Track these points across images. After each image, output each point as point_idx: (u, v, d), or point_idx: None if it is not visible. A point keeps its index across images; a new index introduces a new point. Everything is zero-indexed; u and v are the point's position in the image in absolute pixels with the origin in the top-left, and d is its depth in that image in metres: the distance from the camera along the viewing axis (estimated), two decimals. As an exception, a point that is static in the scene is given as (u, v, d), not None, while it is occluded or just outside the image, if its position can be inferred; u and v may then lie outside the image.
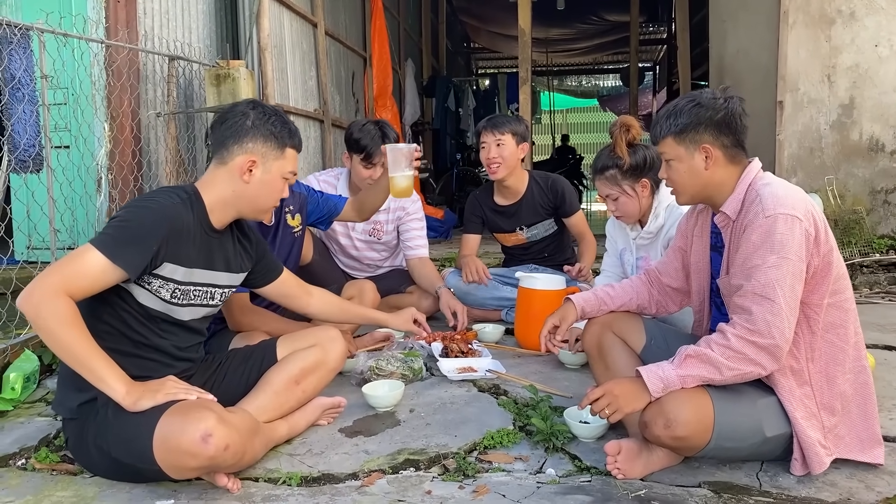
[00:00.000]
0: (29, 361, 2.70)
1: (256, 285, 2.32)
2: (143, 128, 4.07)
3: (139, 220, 1.85)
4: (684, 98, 1.98)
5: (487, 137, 3.58)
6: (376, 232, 3.68)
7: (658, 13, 13.78)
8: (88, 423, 1.88)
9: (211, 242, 2.03)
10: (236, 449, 1.77)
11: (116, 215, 1.89)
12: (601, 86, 19.85)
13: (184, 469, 1.77)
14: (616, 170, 2.71)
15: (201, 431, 1.70)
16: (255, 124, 2.02)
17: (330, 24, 6.78)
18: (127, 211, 1.89)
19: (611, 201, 2.79)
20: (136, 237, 1.82)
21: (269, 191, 2.06)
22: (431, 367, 2.89)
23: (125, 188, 3.79)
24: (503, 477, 1.95)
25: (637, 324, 2.23)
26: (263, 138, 2.02)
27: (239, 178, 2.01)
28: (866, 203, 5.02)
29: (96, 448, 1.87)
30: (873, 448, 1.91)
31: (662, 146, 1.98)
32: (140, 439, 1.75)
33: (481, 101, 13.02)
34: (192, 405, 1.78)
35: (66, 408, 1.94)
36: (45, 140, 2.99)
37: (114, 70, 3.73)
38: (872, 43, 4.93)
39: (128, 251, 1.80)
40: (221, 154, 2.03)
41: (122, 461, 1.83)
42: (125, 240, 1.81)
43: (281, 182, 2.08)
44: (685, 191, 2.00)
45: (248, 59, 4.81)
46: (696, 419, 1.78)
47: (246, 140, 2.01)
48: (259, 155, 2.02)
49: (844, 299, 1.90)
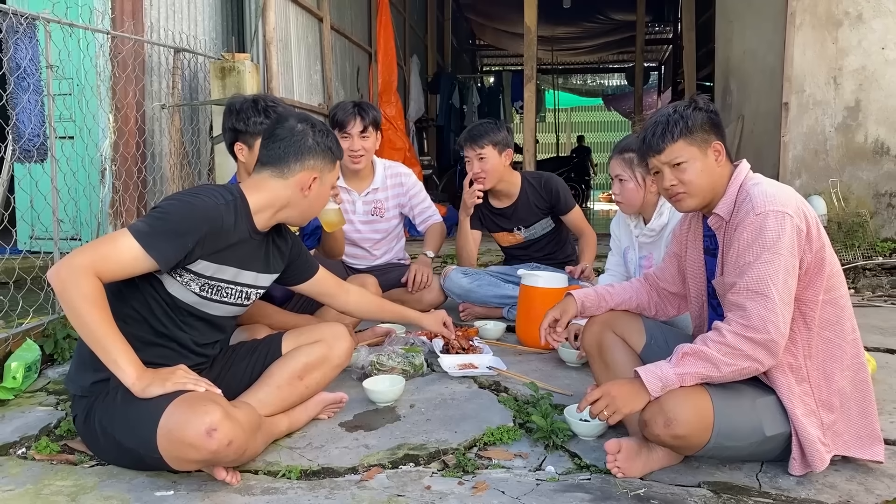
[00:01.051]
0: (30, 351, 2.71)
1: (291, 283, 2.36)
2: (148, 119, 4.08)
3: (180, 214, 1.86)
4: (678, 105, 1.99)
5: (469, 153, 3.60)
6: (378, 210, 3.69)
7: (664, 13, 13.78)
8: (97, 403, 1.89)
9: (251, 244, 2.07)
10: (239, 445, 1.77)
11: (159, 205, 1.92)
12: (606, 85, 19.86)
13: (185, 461, 1.77)
14: (636, 155, 2.71)
15: (206, 425, 1.70)
16: (317, 141, 2.10)
17: (335, 18, 6.78)
18: (170, 203, 1.91)
19: (618, 182, 2.80)
20: (175, 231, 1.84)
21: (321, 201, 2.19)
22: (432, 363, 2.89)
23: (129, 179, 3.80)
24: (503, 473, 1.95)
25: (637, 323, 2.23)
26: (322, 155, 2.11)
27: (299, 191, 2.08)
28: (870, 206, 5.01)
29: (101, 428, 1.88)
30: (873, 445, 1.91)
31: (672, 152, 1.95)
32: (145, 426, 1.76)
33: (486, 98, 13.02)
34: (199, 397, 1.78)
35: (78, 385, 1.94)
36: (49, 130, 2.99)
37: (119, 61, 3.73)
38: (879, 45, 4.92)
39: (163, 243, 1.82)
40: (280, 168, 2.06)
41: (124, 445, 1.83)
42: (163, 232, 1.83)
43: (329, 192, 2.19)
44: (698, 192, 1.96)
45: (253, 52, 4.81)
46: (696, 418, 1.78)
47: (308, 158, 2.08)
48: (319, 171, 2.11)
49: (839, 296, 1.90)
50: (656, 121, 1.98)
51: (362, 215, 3.69)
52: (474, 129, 3.65)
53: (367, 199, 3.67)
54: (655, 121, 1.99)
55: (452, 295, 3.68)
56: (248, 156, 2.70)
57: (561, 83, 18.19)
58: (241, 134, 2.67)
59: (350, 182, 3.65)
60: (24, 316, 2.87)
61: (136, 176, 3.83)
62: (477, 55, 17.92)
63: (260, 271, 2.13)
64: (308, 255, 2.40)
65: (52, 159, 2.99)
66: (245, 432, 1.80)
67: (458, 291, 3.65)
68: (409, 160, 8.17)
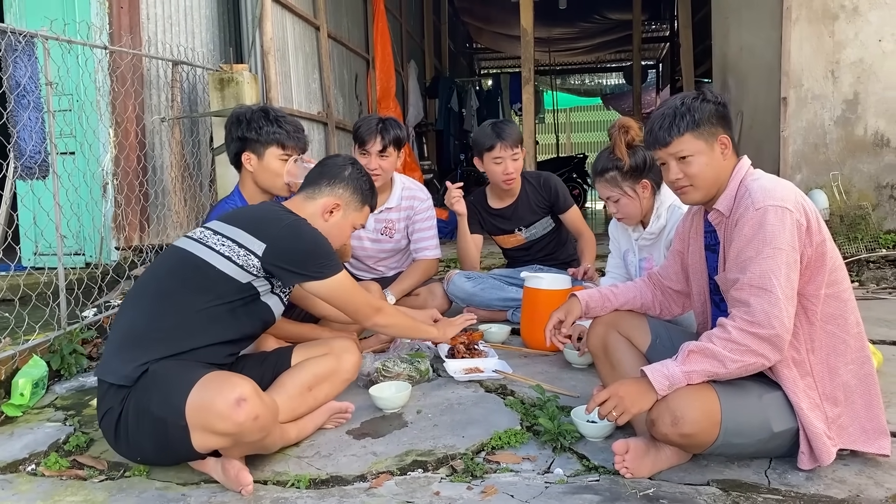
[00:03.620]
0: (37, 367, 2.72)
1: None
2: (148, 133, 4.09)
3: (322, 239, 2.17)
4: (685, 96, 1.97)
5: (504, 153, 3.54)
6: (388, 230, 3.59)
7: (660, 11, 13.79)
8: (136, 388, 1.89)
9: None
10: (264, 423, 1.82)
11: (306, 248, 2.11)
12: (604, 84, 19.84)
13: (210, 431, 1.79)
14: (616, 171, 2.71)
15: (237, 394, 1.77)
16: (352, 176, 2.34)
17: (332, 26, 6.80)
18: (310, 234, 2.14)
19: (612, 203, 2.79)
20: (332, 251, 2.20)
21: (340, 234, 2.35)
22: (438, 368, 2.89)
23: (130, 193, 3.81)
24: (511, 477, 1.95)
25: (642, 323, 2.23)
26: (353, 190, 2.34)
27: (321, 215, 2.28)
28: (872, 198, 5.00)
29: (135, 410, 1.87)
30: (878, 439, 1.91)
31: (678, 144, 1.94)
32: (178, 392, 1.81)
33: (484, 101, 13.03)
34: (231, 374, 1.90)
35: (121, 375, 1.91)
36: (50, 146, 3.00)
37: (118, 76, 3.75)
38: (876, 38, 4.91)
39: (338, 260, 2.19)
40: (312, 191, 2.32)
41: (154, 415, 1.83)
42: (333, 255, 2.18)
43: (350, 230, 2.39)
44: (703, 185, 1.96)
45: (251, 62, 4.83)
46: (704, 416, 1.78)
47: (338, 186, 2.32)
48: (344, 202, 2.32)
49: (842, 290, 1.90)
50: (663, 113, 1.97)
51: (372, 233, 3.60)
52: (504, 128, 3.58)
53: (380, 218, 3.56)
54: (663, 112, 1.98)
55: (456, 299, 3.68)
56: (258, 165, 2.71)
57: (559, 84, 18.19)
58: (251, 143, 2.69)
59: None
60: (30, 332, 2.88)
61: (138, 189, 3.84)
62: (474, 58, 17.94)
63: None
64: None
65: (54, 175, 3.01)
66: (271, 413, 1.88)
67: (461, 296, 3.65)
68: (409, 165, 8.18)
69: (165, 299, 2.00)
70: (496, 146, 3.54)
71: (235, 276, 2.02)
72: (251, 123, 2.69)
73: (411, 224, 3.62)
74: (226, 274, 2.01)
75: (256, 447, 1.93)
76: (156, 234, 4.09)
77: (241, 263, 2.02)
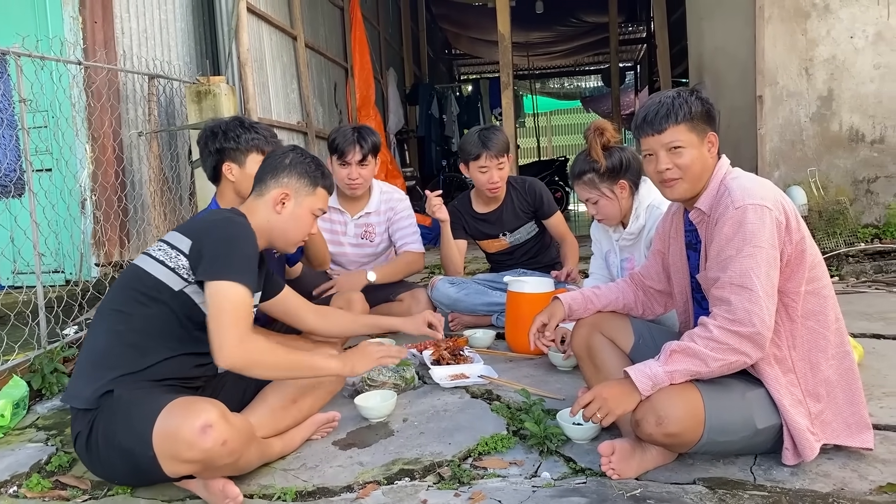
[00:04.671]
0: (17, 388, 2.68)
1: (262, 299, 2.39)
2: (126, 147, 4.06)
3: (247, 243, 2.03)
4: (681, 91, 1.98)
5: (489, 162, 3.52)
6: (368, 234, 3.65)
7: (636, 13, 13.88)
8: (101, 414, 1.88)
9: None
10: (234, 447, 1.78)
11: (221, 238, 1.98)
12: (584, 87, 19.94)
13: (178, 459, 1.76)
14: (593, 173, 2.72)
15: (202, 421, 1.72)
16: (293, 162, 2.23)
17: (310, 36, 6.79)
18: (231, 234, 2.01)
19: (591, 205, 2.81)
20: (252, 260, 2.01)
21: (299, 224, 2.24)
22: (423, 375, 2.88)
23: (109, 209, 3.78)
24: (498, 482, 1.95)
25: (625, 324, 2.24)
26: (298, 175, 2.22)
27: (272, 208, 2.18)
28: (849, 193, 5.06)
29: (103, 438, 1.86)
30: (861, 433, 1.92)
31: (674, 133, 1.94)
32: (143, 423, 1.77)
33: (465, 107, 13.04)
34: (197, 398, 1.84)
35: (83, 398, 1.91)
36: (25, 164, 2.97)
37: (93, 91, 3.72)
38: (848, 34, 4.98)
39: (252, 275, 1.98)
40: (260, 188, 2.22)
41: (123, 447, 1.82)
42: (247, 265, 1.98)
43: (310, 217, 2.27)
44: (690, 177, 1.96)
45: (228, 74, 4.81)
46: (688, 415, 1.79)
47: (282, 175, 2.21)
48: (293, 189, 2.21)
49: (822, 286, 1.92)
50: (660, 100, 1.97)
51: (352, 238, 3.66)
52: (491, 136, 3.54)
53: (360, 223, 3.65)
54: (660, 100, 1.97)
55: (441, 305, 3.68)
56: (240, 173, 2.71)
57: (539, 88, 18.26)
58: (231, 153, 2.70)
59: (344, 204, 3.64)
60: (9, 352, 2.85)
61: (117, 205, 3.81)
62: (454, 64, 17.97)
63: (257, 290, 2.21)
64: (275, 275, 2.45)
65: (30, 193, 2.98)
66: (240, 435, 1.82)
67: (445, 302, 3.65)
68: (391, 172, 8.17)
69: (117, 316, 1.97)
70: (482, 155, 3.53)
71: (169, 282, 1.96)
72: (228, 133, 2.69)
73: (392, 225, 3.68)
74: (160, 281, 1.96)
75: (231, 470, 1.88)
76: (136, 249, 4.05)
77: (172, 266, 1.97)
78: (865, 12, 4.94)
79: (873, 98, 5.00)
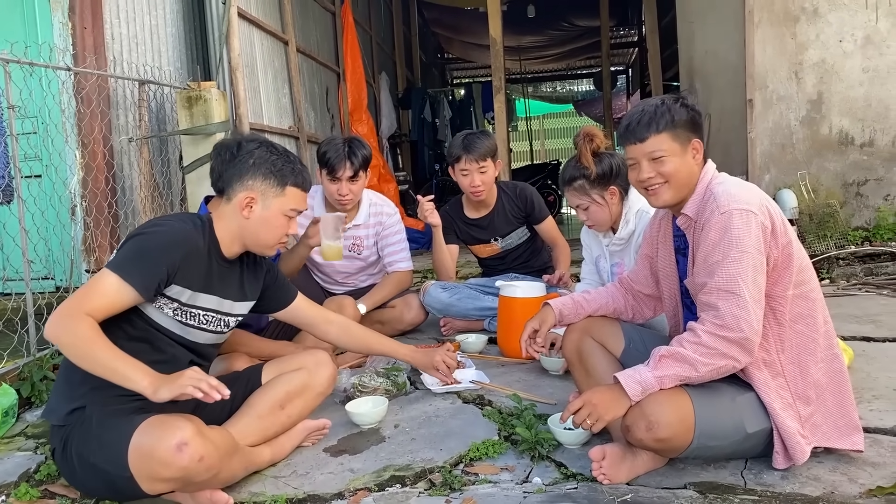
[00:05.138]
0: (6, 396, 2.66)
1: (269, 310, 2.35)
2: (116, 154, 4.04)
3: (153, 241, 1.91)
4: (666, 98, 1.99)
5: (469, 165, 3.52)
6: (356, 247, 3.60)
7: (628, 17, 13.94)
8: (74, 431, 1.87)
9: (221, 271, 2.08)
10: (211, 463, 1.76)
11: (131, 236, 1.93)
12: (576, 91, 20.01)
13: (156, 479, 1.74)
14: (584, 180, 2.73)
15: (177, 440, 1.70)
16: (257, 163, 2.07)
17: (301, 41, 6.78)
18: (143, 232, 1.94)
19: (581, 211, 2.81)
20: (149, 258, 1.88)
21: (270, 227, 2.10)
22: (415, 381, 2.88)
23: (99, 215, 3.76)
24: (490, 488, 1.95)
25: (615, 328, 2.24)
26: (263, 176, 2.07)
27: (240, 213, 2.06)
28: (839, 196, 5.09)
29: (77, 456, 1.85)
30: (851, 435, 1.93)
31: (656, 142, 1.95)
32: (118, 444, 1.75)
33: (457, 110, 13.05)
34: (171, 416, 1.79)
35: (56, 415, 1.92)
36: (14, 171, 2.96)
37: (83, 97, 3.70)
38: (837, 38, 5.01)
39: (139, 271, 1.86)
40: (227, 191, 2.09)
41: (98, 467, 1.80)
42: (138, 260, 1.87)
43: (282, 219, 2.11)
44: (674, 185, 1.97)
45: (219, 79, 4.80)
46: (678, 419, 1.79)
47: (246, 177, 2.07)
48: (258, 192, 2.07)
49: (810, 290, 1.93)
50: (643, 109, 1.98)
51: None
52: (472, 140, 3.54)
53: (348, 235, 3.53)
54: (642, 109, 1.98)
55: (433, 310, 3.68)
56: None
57: (531, 91, 18.32)
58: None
59: None
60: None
61: (108, 211, 3.79)
62: (446, 69, 18.00)
63: (235, 299, 2.14)
64: (285, 282, 2.38)
65: (20, 200, 2.96)
66: (218, 450, 1.80)
67: (438, 307, 3.64)
68: (384, 177, 8.17)
69: None
70: (462, 158, 3.54)
71: None
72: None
73: (381, 240, 3.61)
74: None
75: (213, 484, 1.85)
76: (127, 255, 4.02)
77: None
78: (854, 16, 4.97)
79: (862, 101, 5.03)
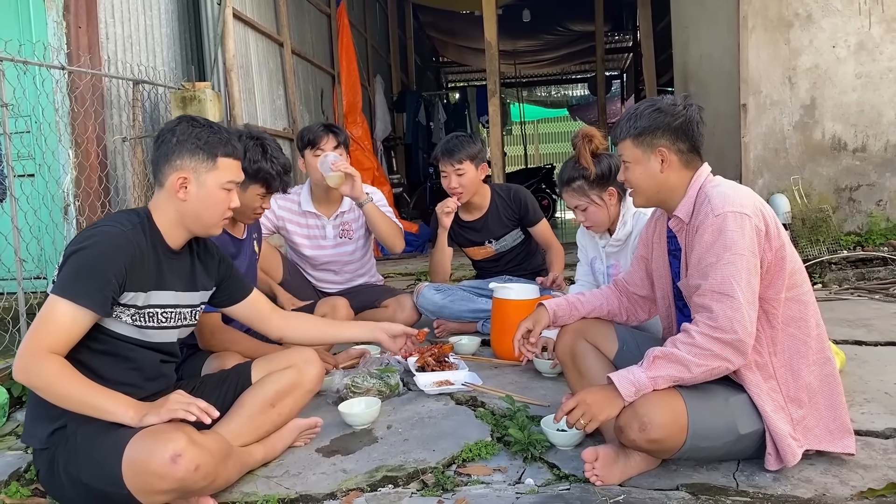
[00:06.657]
0: (-3, 395, 2.65)
1: (222, 305, 2.31)
2: (110, 153, 4.03)
3: (93, 254, 1.83)
4: (645, 102, 2.03)
5: (446, 167, 3.56)
6: (346, 232, 3.68)
7: (623, 22, 13.97)
8: (59, 452, 1.84)
9: (171, 264, 2.03)
10: (207, 470, 1.75)
11: (71, 252, 1.85)
12: (570, 95, 20.02)
13: (153, 492, 1.72)
14: (582, 180, 2.73)
15: (171, 452, 1.68)
16: (180, 140, 1.97)
17: (296, 42, 6.78)
18: (79, 247, 1.85)
19: (580, 212, 2.81)
20: (94, 273, 1.81)
21: (210, 205, 2.01)
22: (408, 382, 2.88)
23: (92, 215, 3.74)
24: (482, 489, 1.95)
25: (609, 330, 2.25)
26: (190, 153, 1.97)
27: (175, 197, 1.98)
28: (832, 201, 5.11)
29: (67, 476, 1.82)
30: (843, 438, 1.94)
31: (621, 148, 2.04)
32: (110, 461, 1.72)
33: (452, 114, 13.07)
34: (163, 426, 1.75)
35: (36, 438, 1.89)
36: (7, 170, 2.94)
37: (77, 96, 3.69)
38: (830, 44, 5.04)
39: (89, 290, 1.79)
40: (159, 177, 2.01)
41: (92, 486, 1.78)
42: (84, 278, 1.80)
43: (221, 193, 2.02)
44: (641, 192, 2.06)
45: (213, 80, 4.79)
46: (671, 420, 1.79)
47: (173, 157, 1.97)
48: (190, 170, 1.97)
49: (802, 293, 1.94)
50: (626, 112, 2.05)
51: (332, 239, 3.68)
52: (451, 143, 3.58)
53: (336, 223, 3.67)
54: (626, 112, 2.05)
55: (426, 312, 3.67)
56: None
57: (526, 96, 18.33)
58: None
59: (319, 207, 3.64)
60: (-11, 360, 2.81)
61: (101, 210, 3.77)
62: (441, 72, 18.01)
63: (191, 289, 2.10)
64: (241, 277, 2.33)
65: (12, 199, 2.95)
66: (213, 457, 1.78)
67: (431, 308, 3.64)
68: (378, 179, 8.16)
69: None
70: (439, 161, 3.59)
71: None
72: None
73: None
74: None
75: (209, 490, 1.84)
76: (119, 255, 4.01)
77: None
78: (847, 22, 5.00)
79: (855, 107, 5.05)
